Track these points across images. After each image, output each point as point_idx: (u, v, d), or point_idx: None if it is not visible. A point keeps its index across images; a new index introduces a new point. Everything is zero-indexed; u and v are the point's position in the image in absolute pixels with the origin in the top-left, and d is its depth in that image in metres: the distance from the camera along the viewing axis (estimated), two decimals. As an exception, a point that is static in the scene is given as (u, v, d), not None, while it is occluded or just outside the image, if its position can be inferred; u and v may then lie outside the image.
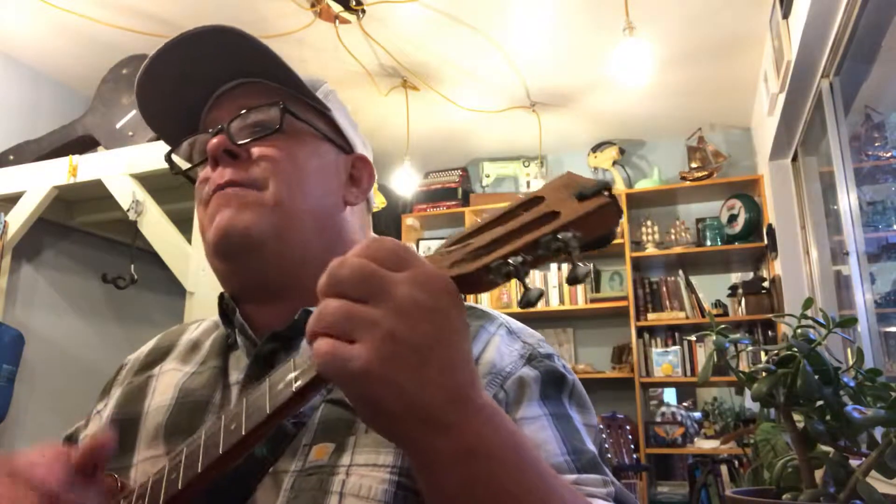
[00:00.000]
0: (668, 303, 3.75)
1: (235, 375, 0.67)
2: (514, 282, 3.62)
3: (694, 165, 3.92)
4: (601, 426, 0.66)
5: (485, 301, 3.89)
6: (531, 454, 0.44)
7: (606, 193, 0.41)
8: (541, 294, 0.42)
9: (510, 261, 0.41)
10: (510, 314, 0.71)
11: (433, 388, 0.39)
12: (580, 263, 0.40)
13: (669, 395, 3.93)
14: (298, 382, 0.43)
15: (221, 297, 0.71)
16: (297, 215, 0.66)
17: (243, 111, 0.67)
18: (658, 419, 3.69)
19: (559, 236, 0.40)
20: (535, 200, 0.44)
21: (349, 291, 0.39)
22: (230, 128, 0.66)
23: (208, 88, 0.71)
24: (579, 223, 0.41)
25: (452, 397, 0.40)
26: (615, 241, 4.29)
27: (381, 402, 0.39)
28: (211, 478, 0.47)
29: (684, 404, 3.81)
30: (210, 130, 0.68)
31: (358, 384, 0.38)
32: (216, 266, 0.68)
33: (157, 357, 0.75)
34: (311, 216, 0.67)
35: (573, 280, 0.41)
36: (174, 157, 0.75)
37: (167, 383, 0.69)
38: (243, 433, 0.45)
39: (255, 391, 0.47)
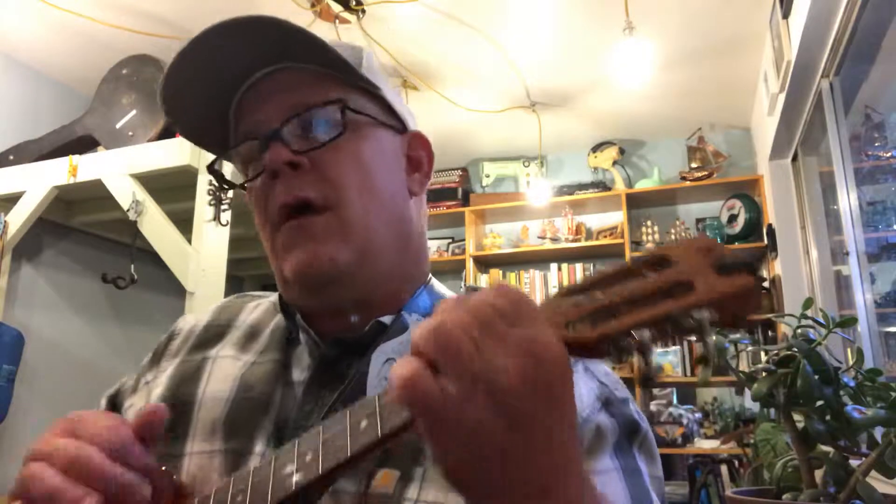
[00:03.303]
0: (668, 303, 3.75)
1: (298, 373, 0.63)
2: (514, 279, 3.56)
3: (694, 165, 3.92)
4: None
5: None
6: None
7: (751, 272, 0.37)
8: (660, 370, 0.38)
9: (634, 334, 0.37)
10: None
11: (529, 473, 0.36)
12: (711, 346, 0.37)
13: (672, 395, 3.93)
14: (386, 426, 0.40)
15: (281, 296, 0.68)
16: (371, 231, 0.61)
17: (296, 112, 0.60)
18: (663, 419, 3.68)
19: (693, 315, 0.36)
20: (664, 261, 0.39)
21: (468, 327, 0.37)
22: (283, 133, 0.60)
23: (241, 78, 0.63)
24: (717, 304, 0.36)
25: (540, 488, 0.37)
26: (615, 241, 4.25)
27: (464, 471, 0.36)
28: None
29: (691, 406, 3.80)
30: (257, 135, 0.61)
31: (457, 452, 0.36)
32: (295, 298, 0.63)
33: (214, 337, 0.71)
34: (384, 222, 0.62)
35: (702, 361, 0.36)
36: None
37: (225, 373, 0.65)
38: (320, 472, 0.42)
39: (334, 425, 0.43)
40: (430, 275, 0.71)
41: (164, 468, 0.52)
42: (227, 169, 0.80)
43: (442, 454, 0.37)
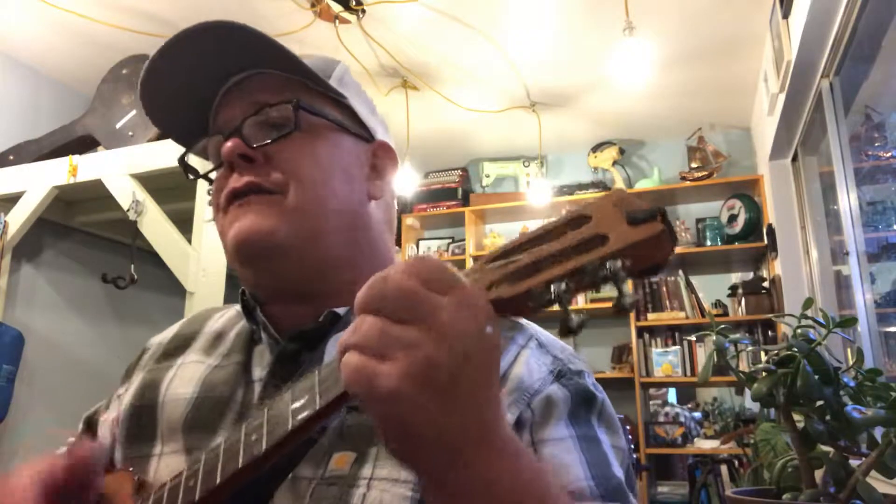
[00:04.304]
0: (668, 303, 3.75)
1: (258, 372, 0.66)
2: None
3: (694, 165, 3.92)
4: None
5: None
6: (552, 497, 0.42)
7: (660, 220, 0.38)
8: (582, 324, 0.39)
9: (552, 288, 0.39)
10: None
11: (461, 420, 0.38)
12: (627, 293, 0.38)
13: (669, 395, 3.93)
14: (322, 399, 0.42)
15: (243, 292, 0.70)
16: (321, 218, 0.64)
17: (256, 110, 0.64)
18: (661, 419, 3.69)
19: (607, 265, 0.38)
20: (581, 218, 0.41)
21: (390, 310, 0.38)
22: (244, 128, 0.63)
23: (216, 83, 0.68)
24: (629, 252, 0.38)
25: (477, 434, 0.39)
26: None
27: (408, 425, 0.37)
28: (228, 489, 0.47)
29: (688, 405, 3.80)
30: (223, 132, 0.65)
31: (385, 404, 0.37)
32: (238, 270, 0.66)
33: (181, 345, 0.74)
34: (335, 217, 0.65)
35: (620, 309, 0.38)
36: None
37: (189, 375, 0.68)
38: (264, 448, 0.44)
39: (278, 403, 0.46)
40: None
41: (127, 469, 0.57)
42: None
43: (388, 431, 0.39)
